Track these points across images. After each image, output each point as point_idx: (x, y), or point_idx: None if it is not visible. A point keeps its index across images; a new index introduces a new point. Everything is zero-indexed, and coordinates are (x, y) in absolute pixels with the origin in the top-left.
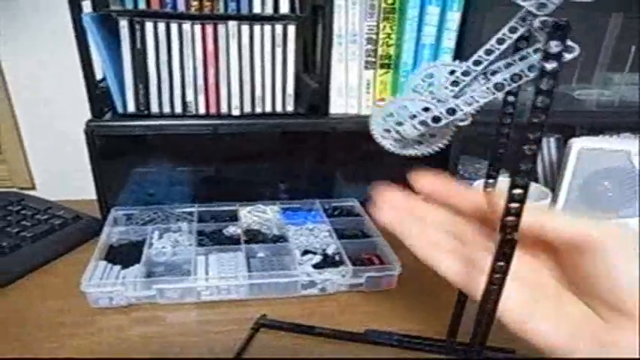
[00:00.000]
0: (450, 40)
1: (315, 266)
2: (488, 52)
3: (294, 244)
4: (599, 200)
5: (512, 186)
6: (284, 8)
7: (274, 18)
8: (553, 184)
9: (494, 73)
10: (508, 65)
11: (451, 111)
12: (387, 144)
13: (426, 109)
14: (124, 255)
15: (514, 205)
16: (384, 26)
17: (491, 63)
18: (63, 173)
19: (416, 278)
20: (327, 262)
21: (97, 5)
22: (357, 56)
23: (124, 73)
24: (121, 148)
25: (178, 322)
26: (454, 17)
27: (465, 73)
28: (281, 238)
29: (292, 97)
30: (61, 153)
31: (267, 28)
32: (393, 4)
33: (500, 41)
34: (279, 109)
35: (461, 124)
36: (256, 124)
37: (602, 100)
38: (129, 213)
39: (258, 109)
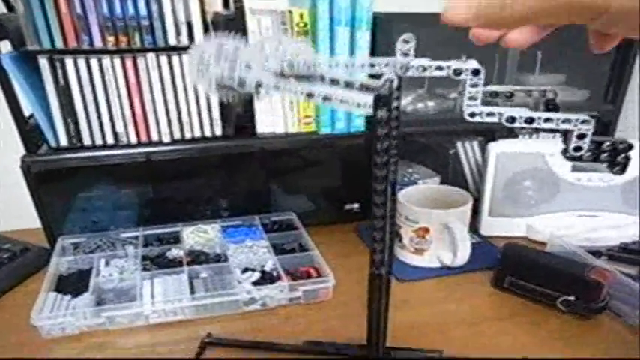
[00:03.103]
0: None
1: (255, 283)
2: None
3: (234, 262)
4: (522, 199)
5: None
6: (198, 37)
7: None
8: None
9: None
10: None
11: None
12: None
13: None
14: (74, 284)
15: (377, 246)
16: None
17: None
18: (7, 203)
19: (350, 288)
20: (266, 278)
21: (15, 45)
22: None
23: (51, 110)
24: (60, 179)
25: (130, 346)
26: (364, 36)
27: None
28: (223, 257)
29: (219, 121)
30: (3, 184)
31: (185, 56)
32: (304, 26)
33: None
34: (207, 133)
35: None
36: (188, 149)
37: (519, 102)
38: (76, 241)
39: (188, 135)
